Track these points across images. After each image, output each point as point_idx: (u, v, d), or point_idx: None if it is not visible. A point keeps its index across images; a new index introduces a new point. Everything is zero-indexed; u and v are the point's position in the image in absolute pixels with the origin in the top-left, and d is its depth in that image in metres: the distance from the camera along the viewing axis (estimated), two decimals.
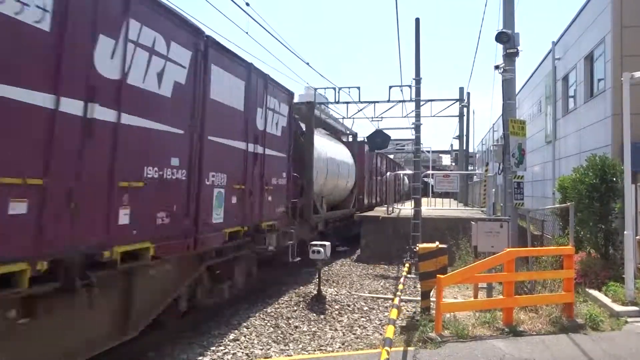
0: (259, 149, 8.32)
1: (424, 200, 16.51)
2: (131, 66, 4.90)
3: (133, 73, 4.94)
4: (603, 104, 13.20)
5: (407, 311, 8.52)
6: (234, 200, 7.35)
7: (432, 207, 19.82)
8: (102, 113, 4.49)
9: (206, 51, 6.44)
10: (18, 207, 3.66)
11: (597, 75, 14.42)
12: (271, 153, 8.88)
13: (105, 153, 4.56)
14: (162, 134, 5.46)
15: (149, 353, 6.21)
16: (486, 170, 20.23)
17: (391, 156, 34.51)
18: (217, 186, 6.79)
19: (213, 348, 6.56)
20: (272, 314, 8.26)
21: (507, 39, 9.46)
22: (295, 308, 8.64)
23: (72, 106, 4.14)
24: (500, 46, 9.86)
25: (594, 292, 8.76)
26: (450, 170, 36.14)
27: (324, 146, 13.56)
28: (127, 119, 4.82)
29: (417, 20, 14.45)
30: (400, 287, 7.82)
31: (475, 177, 26.88)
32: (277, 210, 9.35)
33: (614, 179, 9.90)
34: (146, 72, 5.16)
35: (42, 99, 3.84)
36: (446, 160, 62.95)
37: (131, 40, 4.88)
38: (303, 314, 8.34)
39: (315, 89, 27.15)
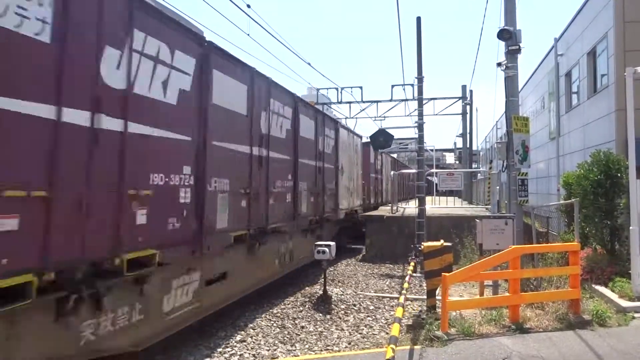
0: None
1: (428, 198, 16.50)
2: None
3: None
4: (607, 100, 13.16)
5: (413, 310, 8.51)
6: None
7: (436, 206, 19.80)
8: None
9: None
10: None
11: (600, 71, 14.37)
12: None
13: None
14: None
15: (156, 356, 6.23)
16: (490, 168, 20.17)
17: (394, 155, 34.47)
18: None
19: (220, 349, 6.58)
20: (278, 314, 8.28)
21: (509, 36, 9.46)
22: (301, 308, 8.65)
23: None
24: (502, 43, 9.85)
25: (601, 288, 8.73)
26: (454, 169, 36.04)
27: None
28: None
29: (419, 19, 14.45)
30: (406, 285, 7.81)
31: (479, 174, 26.80)
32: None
33: (619, 175, 9.87)
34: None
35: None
36: (450, 158, 62.81)
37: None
38: (309, 314, 8.35)
39: (318, 90, 27.18)
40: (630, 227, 8.41)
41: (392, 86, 25.49)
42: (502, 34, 9.51)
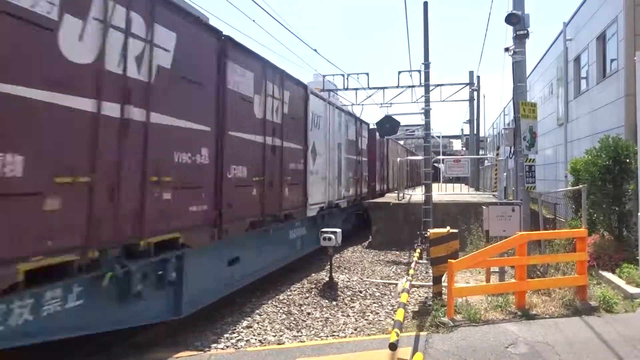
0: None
1: (434, 185, 16.46)
2: None
3: None
4: (616, 85, 12.99)
5: (419, 296, 8.53)
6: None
7: (443, 193, 19.74)
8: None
9: None
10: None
11: (609, 56, 14.15)
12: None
13: None
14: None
15: (165, 340, 6.30)
16: (497, 154, 20.06)
17: (401, 142, 34.36)
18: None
19: (227, 335, 6.64)
20: (285, 301, 8.32)
21: (517, 20, 9.32)
22: (307, 295, 8.70)
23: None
24: (510, 28, 9.72)
25: (608, 275, 8.70)
26: (461, 155, 35.90)
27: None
28: None
29: (425, 4, 14.30)
30: (412, 272, 7.82)
31: (486, 161, 26.69)
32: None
33: (627, 160, 9.76)
34: None
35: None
36: (457, 145, 62.49)
37: None
38: (315, 301, 8.40)
39: (324, 76, 27.01)
40: (638, 213, 8.35)
41: (399, 72, 25.14)
42: (510, 19, 9.37)
